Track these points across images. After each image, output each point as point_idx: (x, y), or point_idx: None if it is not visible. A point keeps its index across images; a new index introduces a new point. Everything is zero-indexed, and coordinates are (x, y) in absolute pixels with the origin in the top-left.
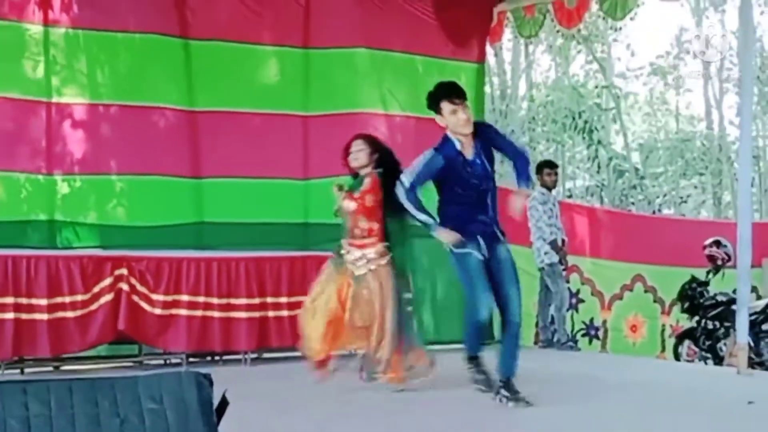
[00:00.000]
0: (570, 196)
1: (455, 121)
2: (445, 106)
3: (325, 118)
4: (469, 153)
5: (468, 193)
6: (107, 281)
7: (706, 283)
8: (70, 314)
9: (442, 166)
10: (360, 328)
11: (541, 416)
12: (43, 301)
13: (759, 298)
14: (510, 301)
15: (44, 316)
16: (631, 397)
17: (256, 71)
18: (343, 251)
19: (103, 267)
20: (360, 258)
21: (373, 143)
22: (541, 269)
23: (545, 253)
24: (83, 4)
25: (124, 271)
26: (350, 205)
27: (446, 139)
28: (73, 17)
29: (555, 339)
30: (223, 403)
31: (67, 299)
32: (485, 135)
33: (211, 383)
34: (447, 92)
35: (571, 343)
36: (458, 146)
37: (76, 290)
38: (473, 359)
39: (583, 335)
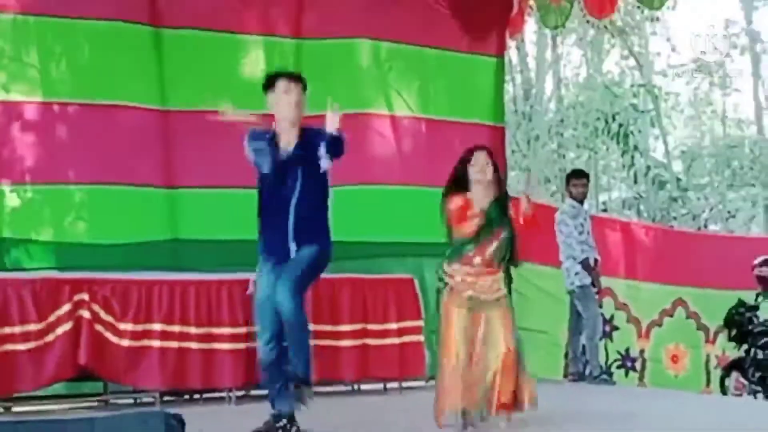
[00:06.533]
0: (605, 210)
1: None
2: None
3: (320, 120)
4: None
5: None
6: (65, 308)
7: (755, 308)
8: (21, 347)
9: None
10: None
11: None
12: None
13: None
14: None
15: None
16: None
17: (239, 65)
18: (457, 278)
19: (60, 292)
20: (490, 284)
21: (493, 160)
22: (571, 292)
23: (576, 274)
24: None
25: (85, 297)
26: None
27: None
28: (22, 1)
29: (587, 371)
30: None
31: (17, 330)
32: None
33: (182, 425)
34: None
35: (605, 376)
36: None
37: (28, 319)
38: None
39: (619, 367)
